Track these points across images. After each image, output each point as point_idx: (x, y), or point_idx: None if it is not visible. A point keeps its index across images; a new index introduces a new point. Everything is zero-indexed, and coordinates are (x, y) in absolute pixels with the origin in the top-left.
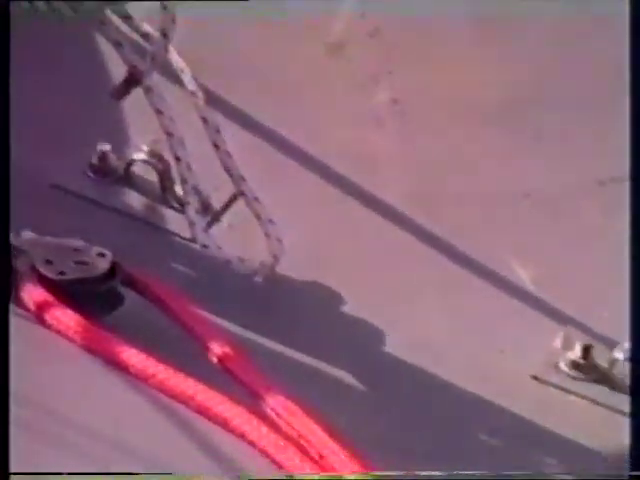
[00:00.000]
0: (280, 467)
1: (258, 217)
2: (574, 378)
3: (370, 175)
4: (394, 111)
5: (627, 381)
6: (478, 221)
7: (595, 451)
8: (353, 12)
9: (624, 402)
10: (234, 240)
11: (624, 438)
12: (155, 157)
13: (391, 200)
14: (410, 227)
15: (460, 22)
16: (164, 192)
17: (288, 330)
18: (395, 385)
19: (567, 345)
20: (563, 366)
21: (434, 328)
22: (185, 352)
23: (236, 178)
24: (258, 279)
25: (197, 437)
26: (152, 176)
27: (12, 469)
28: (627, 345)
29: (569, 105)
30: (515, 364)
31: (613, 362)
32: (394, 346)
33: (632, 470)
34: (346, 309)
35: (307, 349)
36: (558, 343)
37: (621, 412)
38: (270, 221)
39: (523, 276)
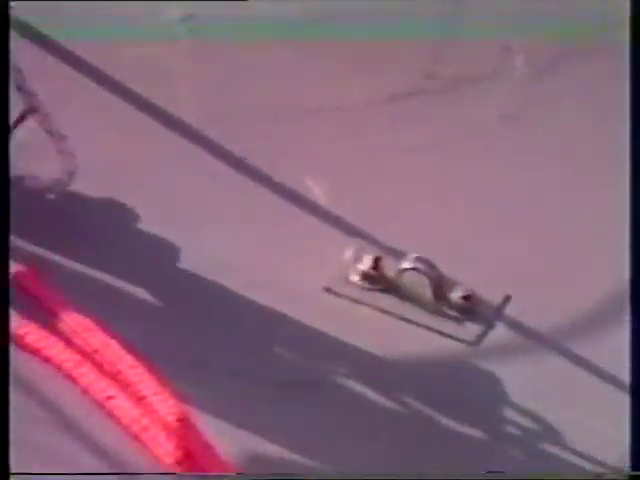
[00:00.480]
0: (75, 382)
1: (50, 133)
2: (365, 289)
3: (166, 93)
4: (187, 27)
5: (414, 289)
6: (271, 138)
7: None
8: None
9: (411, 311)
10: (26, 157)
11: None
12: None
13: (187, 119)
14: (206, 146)
15: None
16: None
17: (84, 249)
18: (195, 303)
19: (358, 257)
20: (354, 277)
21: (233, 247)
22: None
23: (27, 93)
24: (51, 197)
25: None
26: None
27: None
28: (413, 255)
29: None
30: (309, 277)
31: (401, 272)
32: (195, 267)
33: (632, 470)
34: (143, 227)
35: (103, 267)
36: (349, 255)
37: (408, 320)
38: (62, 137)
39: (315, 190)
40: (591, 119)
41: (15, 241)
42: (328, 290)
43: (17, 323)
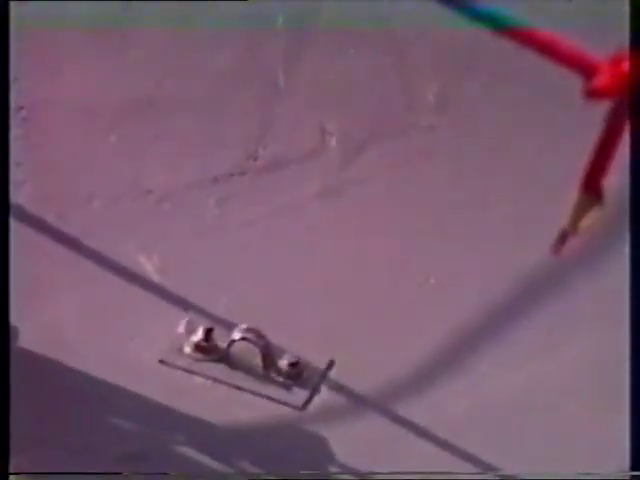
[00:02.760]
0: None
1: None
2: (197, 360)
3: None
4: (20, 117)
5: (244, 358)
6: (107, 218)
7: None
8: None
9: (241, 379)
10: None
11: None
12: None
13: (24, 202)
14: (42, 228)
15: None
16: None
17: None
18: (34, 381)
19: (190, 329)
20: (187, 349)
21: (72, 325)
22: None
23: None
24: None
25: None
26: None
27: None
28: (243, 326)
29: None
30: (143, 350)
31: (231, 342)
32: (34, 345)
33: (632, 470)
34: None
35: None
36: (182, 328)
37: (239, 388)
38: None
39: (148, 267)
40: (402, 194)
41: None
42: (162, 362)
43: None
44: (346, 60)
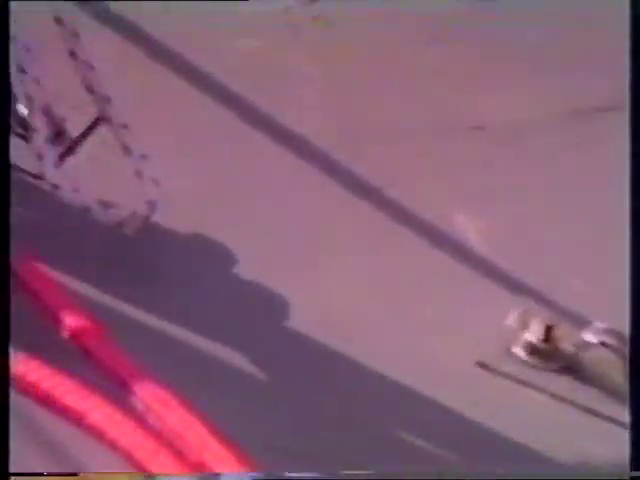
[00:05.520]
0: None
1: (127, 150)
2: (532, 366)
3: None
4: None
5: (599, 369)
6: (413, 161)
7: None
8: None
9: (596, 399)
10: (96, 178)
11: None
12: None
13: (309, 135)
14: (329, 169)
15: None
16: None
17: (164, 302)
18: (302, 374)
19: (524, 323)
20: (518, 350)
21: (356, 300)
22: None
23: (99, 97)
24: (127, 231)
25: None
26: None
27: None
28: (600, 325)
29: None
30: (457, 348)
31: (581, 346)
32: (306, 328)
33: (632, 470)
34: (240, 272)
35: (189, 326)
36: (512, 320)
37: (594, 412)
38: (143, 156)
39: (469, 231)
40: None
41: (78, 286)
42: (482, 365)
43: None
44: None
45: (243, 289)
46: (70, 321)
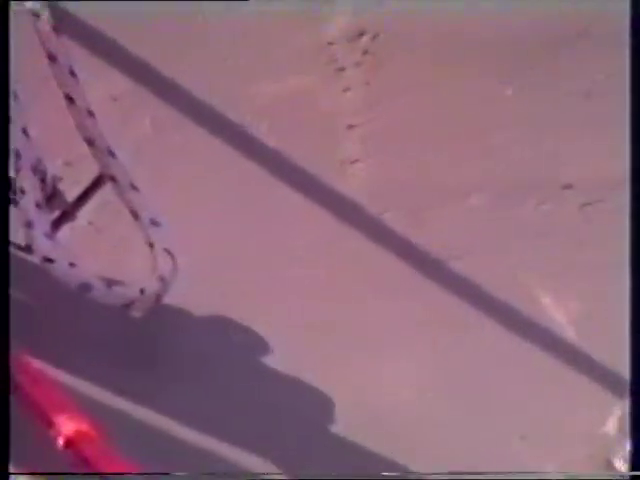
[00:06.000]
0: None
1: (135, 214)
2: None
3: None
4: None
5: None
6: (481, 227)
7: None
8: None
9: None
10: (97, 251)
11: None
12: None
13: (354, 196)
14: (380, 238)
15: None
16: None
17: (174, 400)
18: None
19: (625, 429)
20: (619, 464)
21: (409, 397)
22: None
23: (100, 151)
24: (134, 313)
25: None
26: None
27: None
28: None
29: None
30: (542, 457)
31: None
32: (351, 423)
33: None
34: (271, 362)
35: (207, 419)
36: (611, 426)
37: None
38: (154, 222)
39: (556, 315)
40: None
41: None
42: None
43: None
44: None
45: (274, 385)
46: (65, 428)
